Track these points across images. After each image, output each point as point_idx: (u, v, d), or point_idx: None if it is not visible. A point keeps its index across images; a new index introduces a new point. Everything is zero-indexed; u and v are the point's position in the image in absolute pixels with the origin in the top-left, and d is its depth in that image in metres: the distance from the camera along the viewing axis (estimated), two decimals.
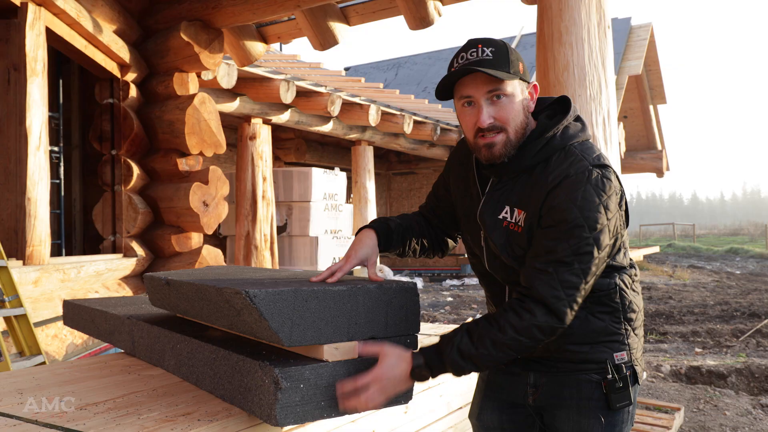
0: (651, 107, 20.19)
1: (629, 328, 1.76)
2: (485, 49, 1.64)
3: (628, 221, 1.75)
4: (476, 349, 1.59)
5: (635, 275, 1.82)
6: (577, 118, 1.77)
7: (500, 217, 1.72)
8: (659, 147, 21.08)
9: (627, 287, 1.76)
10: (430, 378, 1.64)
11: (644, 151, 21.07)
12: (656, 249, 22.85)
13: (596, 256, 1.59)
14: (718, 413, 4.76)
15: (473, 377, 2.87)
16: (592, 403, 1.73)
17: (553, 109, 1.79)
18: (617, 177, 1.68)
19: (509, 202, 1.72)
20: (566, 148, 1.68)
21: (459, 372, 1.63)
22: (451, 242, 2.09)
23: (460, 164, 1.93)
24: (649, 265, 18.88)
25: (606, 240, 1.60)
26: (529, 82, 1.71)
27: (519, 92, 1.67)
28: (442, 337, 1.65)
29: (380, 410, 2.16)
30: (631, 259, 1.83)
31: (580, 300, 1.60)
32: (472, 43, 1.67)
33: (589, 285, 1.61)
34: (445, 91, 1.72)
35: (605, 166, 1.65)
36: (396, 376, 1.61)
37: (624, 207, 1.70)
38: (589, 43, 3.59)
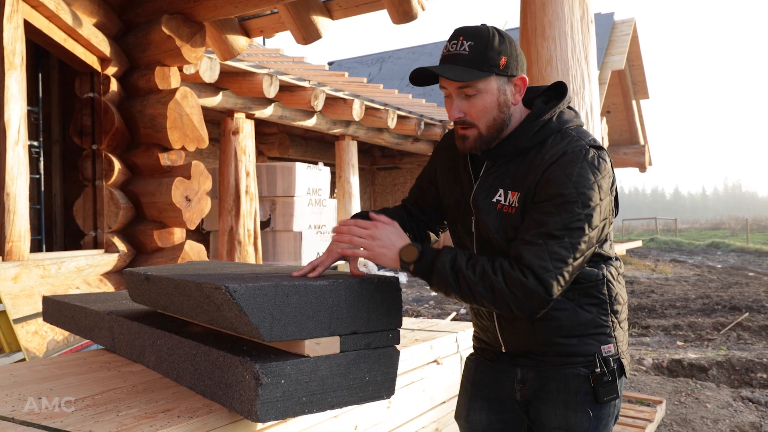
0: (634, 102, 20.32)
1: (616, 320, 1.77)
2: (465, 42, 1.64)
3: (617, 208, 1.76)
4: (466, 269, 1.60)
5: (620, 267, 1.83)
6: (570, 107, 1.80)
7: (494, 200, 1.73)
8: (642, 142, 21.22)
9: (613, 278, 1.77)
10: (411, 267, 1.65)
11: (627, 146, 21.20)
12: (639, 243, 23.00)
13: (587, 233, 1.59)
14: (699, 406, 4.81)
15: (456, 372, 2.88)
16: (579, 397, 1.73)
17: (547, 95, 1.81)
18: (611, 162, 1.70)
19: (503, 185, 1.73)
20: (563, 130, 1.70)
21: (439, 278, 1.63)
22: (433, 236, 2.09)
23: (448, 154, 1.94)
24: (632, 259, 19.02)
25: (597, 220, 1.61)
26: (513, 76, 1.70)
27: (494, 88, 1.67)
28: (445, 246, 1.68)
29: (362, 405, 2.16)
30: (615, 253, 1.84)
31: (567, 276, 1.59)
32: (456, 34, 1.68)
33: (578, 263, 1.60)
34: (421, 79, 1.73)
35: (601, 148, 1.68)
36: (389, 239, 1.65)
37: (614, 193, 1.71)
38: (572, 38, 3.59)
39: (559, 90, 1.80)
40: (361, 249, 1.67)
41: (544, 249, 1.57)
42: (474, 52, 1.63)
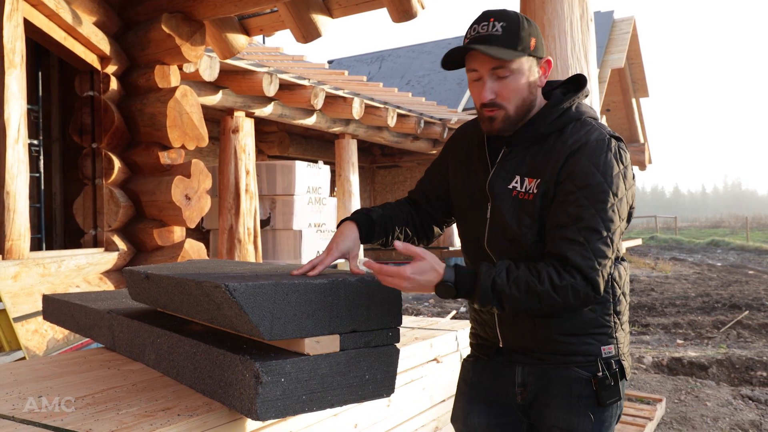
0: (633, 100, 20.30)
1: (618, 321, 1.76)
2: (496, 23, 1.64)
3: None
4: (509, 288, 1.58)
5: (625, 269, 1.82)
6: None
7: (510, 186, 1.73)
8: (642, 140, 21.21)
9: (620, 279, 1.77)
10: (453, 297, 1.62)
11: (627, 144, 21.16)
12: (639, 241, 23.01)
13: (618, 225, 1.62)
14: (699, 404, 4.81)
15: (456, 370, 2.88)
16: (582, 400, 1.72)
17: (566, 87, 1.82)
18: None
19: (519, 171, 1.73)
20: (582, 119, 1.72)
21: (483, 302, 1.61)
22: (437, 229, 2.07)
23: (461, 147, 1.94)
24: (632, 257, 19.03)
25: (625, 210, 1.64)
26: (541, 58, 1.72)
27: (526, 69, 1.68)
28: (482, 264, 1.64)
29: (362, 404, 2.16)
30: (622, 253, 1.84)
31: (609, 269, 1.62)
32: (485, 16, 1.67)
33: (613, 256, 1.63)
34: (454, 63, 1.73)
35: (620, 139, 1.70)
36: (422, 282, 1.59)
37: (634, 183, 1.73)
38: (572, 36, 3.59)
39: (577, 83, 1.81)
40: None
41: (588, 248, 1.58)
42: (507, 33, 1.63)
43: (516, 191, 1.71)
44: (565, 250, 1.59)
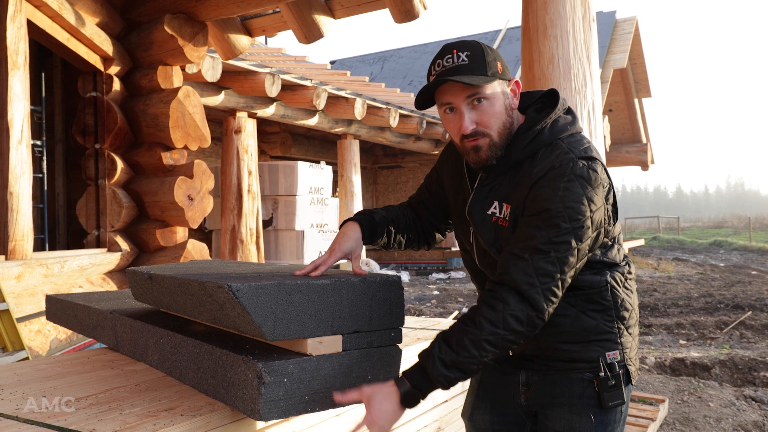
0: (636, 100, 20.28)
1: (622, 326, 1.74)
2: (460, 53, 1.63)
3: (616, 216, 1.73)
4: (458, 355, 1.55)
5: (629, 272, 1.80)
6: (568, 111, 1.76)
7: (489, 212, 1.72)
8: (644, 140, 21.18)
9: (619, 285, 1.74)
10: (422, 400, 1.61)
11: (629, 144, 21.16)
12: (641, 242, 22.98)
13: (575, 247, 1.57)
14: (702, 404, 4.81)
15: None
16: (584, 401, 1.71)
17: (542, 102, 1.78)
18: (605, 170, 1.67)
19: (497, 197, 1.71)
20: (553, 142, 1.67)
21: (448, 384, 1.59)
22: (438, 235, 2.08)
23: (453, 160, 1.93)
24: (634, 258, 19.01)
25: (588, 233, 1.59)
26: (509, 80, 1.70)
27: (500, 92, 1.66)
28: (420, 354, 1.63)
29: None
30: (626, 256, 1.81)
31: (556, 291, 1.57)
32: (447, 49, 1.65)
33: (567, 276, 1.58)
34: (425, 101, 1.72)
35: (592, 159, 1.64)
36: (388, 411, 1.57)
37: (612, 201, 1.68)
38: (574, 36, 3.59)
39: (552, 98, 1.77)
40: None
41: (530, 265, 1.55)
42: (474, 60, 1.62)
43: (495, 217, 1.71)
44: (508, 265, 1.58)
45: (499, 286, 1.58)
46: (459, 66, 1.61)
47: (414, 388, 1.59)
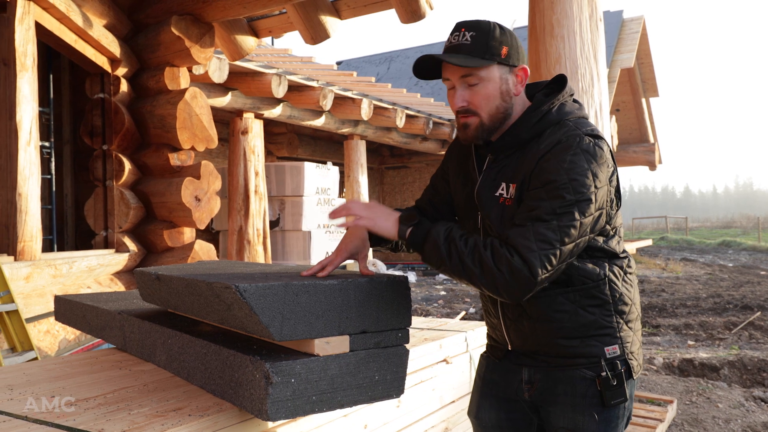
0: (643, 100, 20.24)
1: (621, 321, 1.74)
2: (466, 33, 1.68)
3: (620, 202, 1.74)
4: (459, 240, 1.61)
5: (628, 266, 1.80)
6: (575, 100, 1.80)
7: (497, 194, 1.73)
8: (651, 140, 21.13)
9: (618, 278, 1.74)
10: (408, 232, 1.68)
11: (636, 144, 21.12)
12: (649, 242, 22.92)
13: (578, 219, 1.57)
14: (710, 405, 4.79)
15: (465, 371, 2.88)
16: (586, 400, 1.71)
17: (550, 87, 1.82)
18: (611, 152, 1.68)
19: (504, 178, 1.73)
20: (561, 122, 1.70)
21: (432, 248, 1.64)
22: None
23: (459, 153, 1.95)
24: (642, 258, 18.94)
25: (591, 208, 1.59)
26: (515, 66, 1.72)
27: (497, 77, 1.69)
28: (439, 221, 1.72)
29: (372, 405, 2.17)
30: (625, 250, 1.81)
31: (554, 261, 1.55)
32: (458, 26, 1.71)
33: (567, 248, 1.57)
34: (426, 71, 1.77)
35: (598, 137, 1.66)
36: (386, 211, 1.73)
37: (615, 184, 1.69)
38: (581, 36, 3.59)
39: (560, 83, 1.81)
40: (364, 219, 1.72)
41: (530, 230, 1.56)
42: (476, 42, 1.66)
43: (503, 198, 1.72)
44: (510, 232, 1.60)
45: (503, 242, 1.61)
46: (460, 45, 1.67)
47: (417, 217, 1.71)
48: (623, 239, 1.82)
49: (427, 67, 1.75)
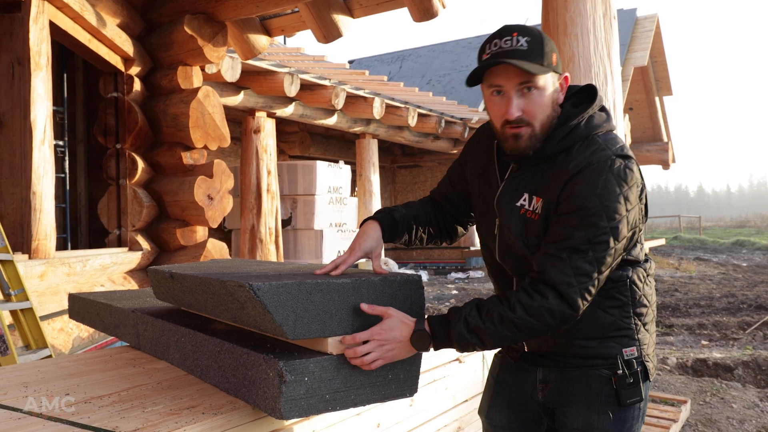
0: (657, 99, 20.09)
1: (639, 323, 1.73)
2: (520, 38, 1.59)
3: (647, 215, 1.72)
4: (483, 324, 1.57)
5: (649, 269, 1.78)
6: (602, 108, 1.74)
7: (518, 204, 1.71)
8: (665, 139, 20.99)
9: (639, 281, 1.73)
10: (432, 348, 1.62)
11: (650, 143, 20.98)
12: (662, 241, 22.74)
13: (612, 246, 1.57)
14: (724, 406, 4.75)
15: (478, 370, 2.87)
16: (601, 398, 1.70)
17: (578, 97, 1.76)
18: (639, 169, 1.65)
19: (528, 189, 1.70)
20: (589, 137, 1.66)
21: (463, 345, 1.61)
22: (460, 229, 2.07)
23: (479, 151, 1.91)
24: (655, 257, 18.83)
25: (624, 231, 1.58)
26: (560, 74, 1.68)
27: (550, 85, 1.64)
28: (451, 309, 1.64)
29: (385, 404, 2.16)
30: (646, 254, 1.80)
31: (593, 290, 1.58)
32: (507, 30, 1.62)
33: (603, 276, 1.59)
34: (474, 77, 1.67)
35: (628, 157, 1.63)
36: (395, 338, 1.60)
37: (644, 200, 1.67)
38: (595, 35, 3.57)
39: (590, 93, 1.75)
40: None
41: (568, 264, 1.55)
42: (532, 47, 1.59)
43: (524, 209, 1.69)
44: (545, 265, 1.58)
45: (538, 281, 1.59)
46: (516, 50, 1.58)
47: (429, 332, 1.62)
48: (643, 243, 1.80)
49: (475, 72, 1.65)
